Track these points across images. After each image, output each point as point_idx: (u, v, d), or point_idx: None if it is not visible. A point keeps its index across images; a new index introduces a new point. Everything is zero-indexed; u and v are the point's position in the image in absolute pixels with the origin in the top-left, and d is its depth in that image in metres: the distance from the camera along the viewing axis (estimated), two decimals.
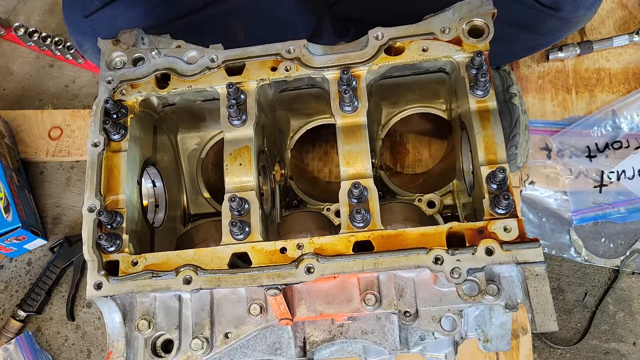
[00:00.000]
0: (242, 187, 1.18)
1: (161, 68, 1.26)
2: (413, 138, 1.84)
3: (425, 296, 1.07)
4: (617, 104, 1.82)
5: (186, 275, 1.08)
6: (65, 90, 2.13)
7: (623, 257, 1.71)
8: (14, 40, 2.22)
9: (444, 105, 1.52)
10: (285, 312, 1.07)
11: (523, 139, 1.64)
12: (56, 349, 1.79)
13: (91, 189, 1.17)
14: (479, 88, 1.14)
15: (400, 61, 1.20)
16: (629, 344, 1.64)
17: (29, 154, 1.99)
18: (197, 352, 1.08)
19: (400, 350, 1.12)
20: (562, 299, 1.70)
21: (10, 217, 1.74)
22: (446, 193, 1.49)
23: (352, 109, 1.19)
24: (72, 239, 1.86)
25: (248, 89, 1.24)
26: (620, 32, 1.90)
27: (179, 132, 1.55)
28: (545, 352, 1.65)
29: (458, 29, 1.18)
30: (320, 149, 1.86)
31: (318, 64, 1.22)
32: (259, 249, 1.10)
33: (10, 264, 1.91)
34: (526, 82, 1.88)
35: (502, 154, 1.10)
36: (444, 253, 1.02)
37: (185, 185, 1.58)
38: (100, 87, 1.26)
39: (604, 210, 1.75)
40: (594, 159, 1.79)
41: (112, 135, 1.22)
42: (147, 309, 1.13)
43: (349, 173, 1.16)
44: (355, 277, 1.09)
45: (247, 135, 1.22)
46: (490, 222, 1.04)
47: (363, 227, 1.09)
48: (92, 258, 1.11)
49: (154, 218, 1.43)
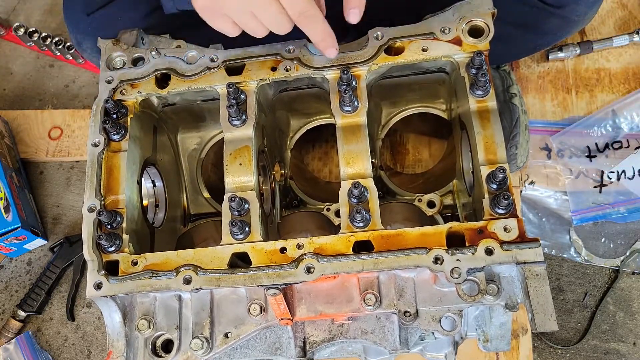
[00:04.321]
0: (242, 187, 1.18)
1: (161, 68, 1.26)
2: (413, 138, 1.84)
3: (425, 296, 1.07)
4: (617, 104, 1.82)
5: (186, 275, 1.08)
6: (65, 90, 2.13)
7: (623, 257, 1.71)
8: (14, 40, 2.23)
9: (444, 105, 1.52)
10: (285, 312, 1.07)
11: (523, 139, 1.64)
12: (56, 349, 1.79)
13: (91, 188, 1.17)
14: (478, 88, 1.14)
15: (400, 61, 1.20)
16: (629, 344, 1.64)
17: (29, 154, 2.00)
18: (197, 352, 1.08)
19: (400, 350, 1.12)
20: (562, 299, 1.70)
21: (10, 217, 1.74)
22: (446, 193, 1.49)
23: (352, 109, 1.19)
24: (72, 239, 1.86)
25: (248, 89, 1.24)
26: (620, 32, 1.90)
27: (179, 132, 1.55)
28: (545, 352, 1.65)
29: (458, 29, 1.18)
30: (320, 149, 1.86)
31: (318, 63, 1.22)
32: (258, 248, 1.10)
33: (10, 264, 1.91)
34: (526, 82, 1.88)
35: (502, 154, 1.10)
36: (443, 253, 1.02)
37: (185, 185, 1.58)
38: (100, 87, 1.26)
39: (604, 210, 1.75)
40: (594, 159, 1.79)
41: (112, 135, 1.22)
42: (147, 309, 1.13)
43: (349, 173, 1.16)
44: (355, 277, 1.09)
45: (247, 135, 1.22)
46: (490, 222, 1.04)
47: (363, 227, 1.09)
48: (92, 258, 1.11)
49: (154, 218, 1.44)
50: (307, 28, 1.06)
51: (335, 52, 1.13)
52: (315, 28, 1.07)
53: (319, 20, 1.05)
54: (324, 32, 1.08)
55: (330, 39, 1.10)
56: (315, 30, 1.07)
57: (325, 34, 1.08)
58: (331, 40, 1.10)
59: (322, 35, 1.09)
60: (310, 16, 1.03)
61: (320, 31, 1.08)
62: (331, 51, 1.12)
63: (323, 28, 1.07)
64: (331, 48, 1.12)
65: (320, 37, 1.09)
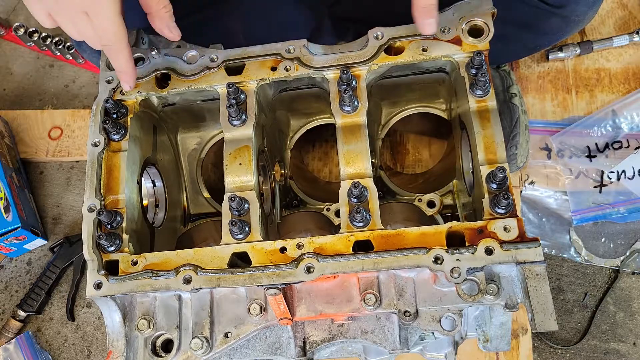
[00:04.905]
0: (242, 186, 1.18)
1: (161, 68, 1.26)
2: (413, 138, 1.84)
3: (425, 296, 1.07)
4: (617, 104, 1.82)
5: (186, 275, 1.08)
6: (65, 90, 2.13)
7: (623, 257, 1.71)
8: (14, 40, 2.23)
9: (444, 105, 1.52)
10: (285, 312, 1.07)
11: (523, 139, 1.64)
12: (56, 349, 1.79)
13: (91, 188, 1.17)
14: (478, 88, 1.14)
15: (400, 61, 1.20)
16: (629, 344, 1.64)
17: (29, 154, 2.00)
18: (196, 351, 1.08)
19: (400, 350, 1.12)
20: (562, 299, 1.70)
21: (10, 217, 1.74)
22: (446, 193, 1.49)
23: (352, 109, 1.19)
24: (72, 239, 1.86)
25: (248, 89, 1.24)
26: (620, 32, 1.90)
27: (179, 132, 1.55)
28: (545, 352, 1.65)
29: (458, 29, 1.18)
30: (320, 149, 1.86)
31: (318, 63, 1.22)
32: (258, 248, 1.10)
33: (10, 264, 1.91)
34: (526, 82, 1.88)
35: (502, 154, 1.10)
36: (443, 252, 1.02)
37: (185, 185, 1.58)
38: (100, 86, 1.26)
39: (604, 210, 1.75)
40: (594, 159, 1.79)
41: (112, 135, 1.22)
42: (147, 309, 1.13)
43: (349, 173, 1.16)
44: (355, 276, 1.09)
45: (247, 135, 1.22)
46: (490, 221, 1.04)
47: (363, 227, 1.09)
48: (92, 257, 1.11)
49: (154, 218, 1.43)
50: (110, 58, 1.15)
51: (128, 87, 1.21)
52: (116, 60, 1.15)
53: (120, 55, 1.13)
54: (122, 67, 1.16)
55: (125, 75, 1.18)
56: (116, 62, 1.15)
57: (123, 69, 1.16)
58: (127, 76, 1.18)
59: (120, 69, 1.16)
60: (114, 50, 1.11)
61: (119, 65, 1.15)
62: (124, 85, 1.21)
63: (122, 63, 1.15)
64: (125, 83, 1.20)
65: (119, 69, 1.17)
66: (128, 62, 1.15)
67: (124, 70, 1.16)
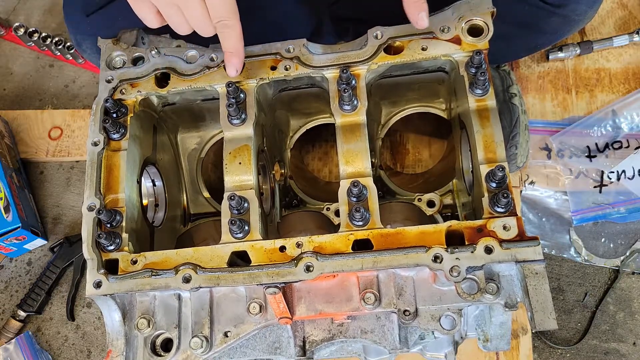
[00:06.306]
0: (241, 185, 1.18)
1: (161, 67, 1.26)
2: (413, 138, 1.84)
3: (425, 295, 1.07)
4: (617, 104, 1.82)
5: (185, 274, 1.07)
6: (65, 90, 2.14)
7: (623, 257, 1.71)
8: (14, 40, 2.23)
9: (444, 104, 1.52)
10: (284, 311, 1.07)
11: (523, 139, 1.64)
12: (56, 349, 1.79)
13: (91, 187, 1.17)
14: (478, 87, 1.14)
15: (400, 60, 1.20)
16: (629, 344, 1.64)
17: (29, 154, 2.00)
18: (196, 350, 1.08)
19: (400, 350, 1.12)
20: (562, 299, 1.70)
21: (10, 217, 1.74)
22: (446, 192, 1.49)
23: (352, 108, 1.19)
24: (72, 239, 1.86)
25: (248, 88, 1.24)
26: (620, 32, 1.90)
27: (179, 132, 1.55)
28: (545, 352, 1.65)
29: (457, 28, 1.18)
30: (320, 149, 1.86)
31: (317, 63, 1.22)
32: (258, 247, 1.10)
33: (10, 264, 1.91)
34: (526, 82, 1.89)
35: (502, 153, 1.10)
36: (443, 251, 1.02)
37: (185, 184, 1.58)
38: (100, 86, 1.26)
39: (604, 210, 1.75)
40: (594, 159, 1.79)
41: (111, 134, 1.22)
42: (146, 308, 1.13)
43: (349, 172, 1.16)
44: (354, 275, 1.09)
45: (246, 134, 1.22)
46: (490, 220, 1.04)
47: (362, 226, 1.09)
48: (91, 256, 1.11)
49: (154, 217, 1.44)
50: (222, 36, 1.08)
51: (234, 72, 1.15)
52: (229, 39, 1.09)
53: (233, 34, 1.07)
54: (234, 47, 1.10)
55: (236, 58, 1.12)
56: (229, 41, 1.09)
57: (235, 48, 1.10)
58: (237, 59, 1.13)
59: (232, 48, 1.11)
60: (228, 26, 1.06)
61: (232, 45, 1.10)
62: (231, 69, 1.15)
63: (235, 42, 1.09)
64: (232, 66, 1.14)
65: (230, 49, 1.11)
66: (240, 41, 1.09)
67: (236, 49, 1.10)
